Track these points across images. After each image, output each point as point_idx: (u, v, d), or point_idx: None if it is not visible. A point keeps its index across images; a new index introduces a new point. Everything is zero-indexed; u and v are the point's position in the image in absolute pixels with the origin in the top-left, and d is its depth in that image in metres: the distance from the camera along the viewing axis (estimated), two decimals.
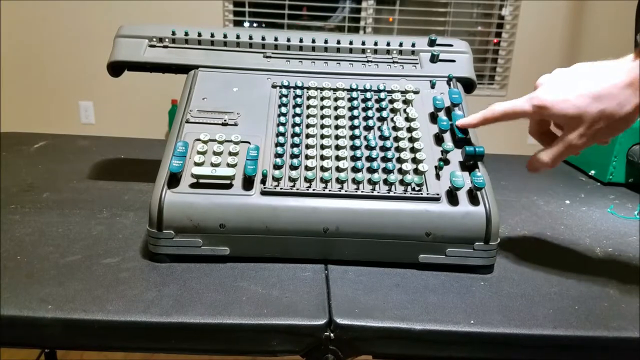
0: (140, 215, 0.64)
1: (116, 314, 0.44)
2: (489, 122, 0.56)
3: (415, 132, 0.59)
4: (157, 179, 0.54)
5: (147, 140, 1.00)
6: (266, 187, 0.53)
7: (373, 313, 0.46)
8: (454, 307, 0.48)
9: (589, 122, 0.49)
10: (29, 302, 0.45)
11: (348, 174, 0.55)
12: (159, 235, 0.52)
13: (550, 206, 0.76)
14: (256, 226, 0.52)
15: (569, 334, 0.46)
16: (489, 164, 0.58)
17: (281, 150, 0.56)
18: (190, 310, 0.45)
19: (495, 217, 0.53)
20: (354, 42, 0.69)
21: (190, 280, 0.50)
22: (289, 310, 0.46)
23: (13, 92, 2.62)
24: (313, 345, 0.46)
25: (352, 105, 0.63)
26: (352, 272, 0.53)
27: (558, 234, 0.66)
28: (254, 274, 0.52)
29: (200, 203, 0.52)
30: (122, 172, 0.80)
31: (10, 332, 0.45)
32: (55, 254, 0.53)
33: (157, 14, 2.53)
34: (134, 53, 0.68)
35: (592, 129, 0.49)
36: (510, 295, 0.51)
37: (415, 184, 0.54)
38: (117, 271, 0.51)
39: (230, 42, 0.69)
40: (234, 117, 0.61)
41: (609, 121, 0.48)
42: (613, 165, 0.86)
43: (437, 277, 0.54)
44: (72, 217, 0.62)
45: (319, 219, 0.52)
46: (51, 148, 0.91)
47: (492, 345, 0.46)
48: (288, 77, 0.66)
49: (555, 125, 0.55)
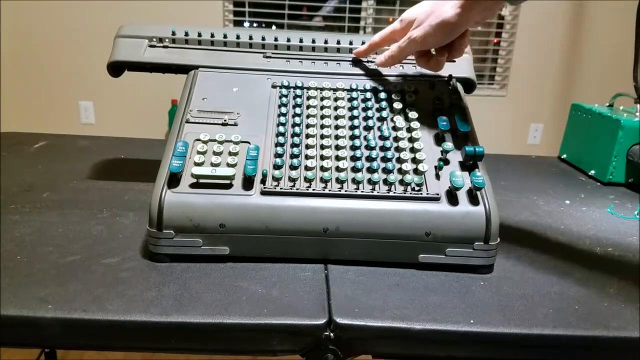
0: (140, 215, 0.64)
1: (116, 313, 0.44)
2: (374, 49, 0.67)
3: (415, 132, 0.59)
4: (157, 179, 0.54)
5: (147, 140, 1.00)
6: (266, 187, 0.53)
7: (373, 313, 0.47)
8: (454, 307, 0.48)
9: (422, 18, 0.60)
10: (29, 302, 0.45)
11: (348, 173, 0.55)
12: (159, 235, 0.52)
13: (550, 206, 0.76)
14: (256, 226, 0.52)
15: (569, 334, 0.46)
16: (489, 164, 0.58)
17: (281, 150, 0.56)
18: (190, 310, 0.45)
19: (495, 217, 0.53)
20: (354, 42, 0.69)
21: (190, 280, 0.50)
22: (289, 310, 0.46)
23: (13, 92, 2.62)
24: (313, 345, 0.46)
25: (352, 105, 0.63)
26: (352, 272, 0.53)
27: (558, 234, 0.66)
28: (254, 273, 0.52)
29: (200, 203, 0.52)
30: (122, 172, 0.80)
31: (10, 332, 0.45)
32: (55, 254, 0.53)
33: (157, 14, 2.53)
34: (134, 53, 0.68)
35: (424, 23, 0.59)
36: (510, 295, 0.51)
37: (415, 184, 0.54)
38: (117, 271, 0.51)
39: (230, 42, 0.69)
40: (234, 117, 0.61)
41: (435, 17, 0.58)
42: (613, 165, 0.86)
43: (437, 277, 0.54)
44: (72, 217, 0.62)
45: (319, 219, 0.52)
46: (51, 148, 0.91)
47: (492, 345, 0.47)
48: (288, 77, 0.66)
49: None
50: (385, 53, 0.65)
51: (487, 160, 0.58)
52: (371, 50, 0.67)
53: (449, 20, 0.57)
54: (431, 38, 0.59)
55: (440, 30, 0.58)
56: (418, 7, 0.61)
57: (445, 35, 0.59)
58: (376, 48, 0.67)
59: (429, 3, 0.60)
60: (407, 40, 0.61)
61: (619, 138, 0.85)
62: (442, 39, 0.59)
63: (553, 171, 0.95)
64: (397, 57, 0.63)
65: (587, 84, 2.79)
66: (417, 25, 0.60)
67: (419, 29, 0.59)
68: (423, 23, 0.59)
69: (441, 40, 0.60)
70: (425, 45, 0.60)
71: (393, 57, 0.64)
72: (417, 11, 0.61)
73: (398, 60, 0.64)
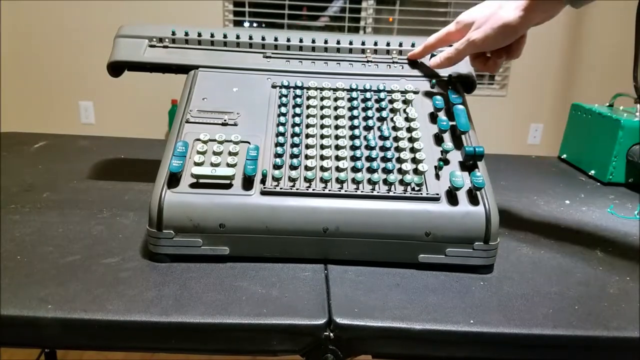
0: (140, 215, 0.64)
1: (116, 313, 0.44)
2: (429, 51, 0.67)
3: (415, 132, 0.59)
4: (157, 178, 0.54)
5: (147, 140, 1.00)
6: (266, 187, 0.53)
7: (373, 313, 0.47)
8: (454, 307, 0.48)
9: (481, 20, 0.60)
10: (29, 302, 0.45)
11: (348, 173, 0.55)
12: (159, 235, 0.52)
13: (550, 206, 0.76)
14: (256, 226, 0.52)
15: (569, 334, 0.46)
16: (489, 164, 0.58)
17: (281, 150, 0.56)
18: (190, 310, 0.45)
19: (495, 217, 0.53)
20: (354, 42, 0.69)
21: (190, 280, 0.50)
22: (289, 310, 0.46)
23: (13, 92, 2.62)
24: (313, 345, 0.46)
25: (351, 105, 0.63)
26: (352, 272, 0.53)
27: (558, 234, 0.66)
28: (253, 273, 0.52)
29: (200, 203, 0.52)
30: (122, 172, 0.80)
31: (10, 332, 0.45)
32: (55, 254, 0.53)
33: (157, 14, 2.53)
34: (134, 53, 0.68)
35: (484, 26, 0.59)
36: (510, 295, 0.51)
37: (415, 184, 0.54)
38: (117, 271, 0.51)
39: (230, 42, 0.69)
40: (233, 117, 0.61)
41: (496, 19, 0.58)
42: (613, 165, 0.86)
43: (437, 277, 0.54)
44: (72, 217, 0.62)
45: (319, 218, 0.52)
46: (51, 148, 0.91)
47: (491, 345, 0.47)
48: (288, 77, 0.66)
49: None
50: (441, 55, 0.64)
51: (487, 160, 0.58)
52: (426, 52, 0.67)
53: (511, 23, 0.57)
54: (491, 40, 0.59)
55: (501, 33, 0.58)
56: (476, 9, 0.61)
57: (506, 37, 0.59)
58: (431, 50, 0.67)
59: (487, 5, 0.60)
60: (466, 42, 0.61)
61: (619, 138, 0.85)
62: (502, 42, 0.59)
63: (553, 171, 0.95)
64: (454, 58, 0.63)
65: (587, 84, 2.79)
66: (477, 28, 0.60)
67: (478, 31, 0.59)
68: (483, 25, 0.59)
69: (501, 42, 0.60)
70: (484, 47, 0.61)
71: (450, 59, 0.64)
72: (475, 13, 0.61)
73: (455, 62, 0.64)
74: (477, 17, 0.60)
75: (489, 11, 0.59)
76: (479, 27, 0.60)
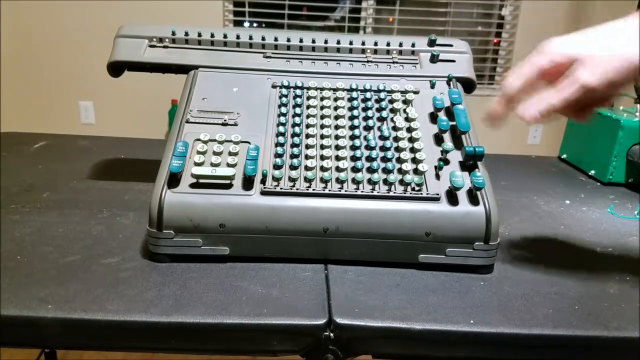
0: (140, 215, 0.64)
1: (116, 313, 0.44)
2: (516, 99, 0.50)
3: (415, 132, 0.59)
4: (157, 179, 0.54)
5: (147, 140, 1.00)
6: (266, 187, 0.53)
7: (373, 313, 0.46)
8: (454, 307, 0.48)
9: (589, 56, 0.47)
10: (29, 302, 0.45)
11: (348, 173, 0.55)
12: (159, 235, 0.52)
13: (550, 206, 0.76)
14: (256, 226, 0.52)
15: (569, 334, 0.46)
16: (489, 164, 0.58)
17: (281, 150, 0.56)
18: (190, 310, 0.45)
19: (495, 217, 0.53)
20: (354, 42, 0.69)
21: (190, 280, 0.50)
22: (289, 310, 0.46)
23: (13, 92, 2.62)
24: (313, 345, 0.46)
25: (352, 105, 0.63)
26: (352, 272, 0.53)
27: (558, 234, 0.66)
28: (254, 273, 0.52)
29: (200, 203, 0.52)
30: (122, 172, 0.80)
31: (10, 332, 0.45)
32: (55, 254, 0.53)
33: (157, 14, 2.53)
34: (134, 53, 0.68)
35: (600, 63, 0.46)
36: (510, 295, 0.51)
37: (415, 184, 0.54)
38: (117, 271, 0.51)
39: (230, 42, 0.69)
40: (234, 117, 0.61)
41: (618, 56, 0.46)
42: (613, 165, 0.86)
43: (437, 277, 0.54)
44: (72, 217, 0.62)
45: (319, 219, 0.52)
46: (51, 148, 0.91)
47: (491, 345, 0.47)
48: (288, 77, 0.66)
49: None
50: (539, 105, 0.48)
51: (487, 160, 0.58)
52: (511, 103, 0.50)
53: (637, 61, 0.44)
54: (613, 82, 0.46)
55: (625, 73, 0.45)
56: (577, 40, 0.48)
57: (630, 78, 0.46)
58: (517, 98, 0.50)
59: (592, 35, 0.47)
60: (576, 85, 0.46)
61: (619, 138, 0.85)
62: (624, 83, 0.46)
63: (553, 171, 0.95)
64: (558, 107, 0.47)
65: None
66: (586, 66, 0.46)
67: (591, 71, 0.46)
68: (596, 62, 0.46)
69: (624, 84, 0.46)
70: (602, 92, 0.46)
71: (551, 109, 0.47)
72: (577, 46, 0.47)
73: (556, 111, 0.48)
74: (581, 51, 0.47)
75: (597, 44, 0.46)
76: (590, 65, 0.46)
